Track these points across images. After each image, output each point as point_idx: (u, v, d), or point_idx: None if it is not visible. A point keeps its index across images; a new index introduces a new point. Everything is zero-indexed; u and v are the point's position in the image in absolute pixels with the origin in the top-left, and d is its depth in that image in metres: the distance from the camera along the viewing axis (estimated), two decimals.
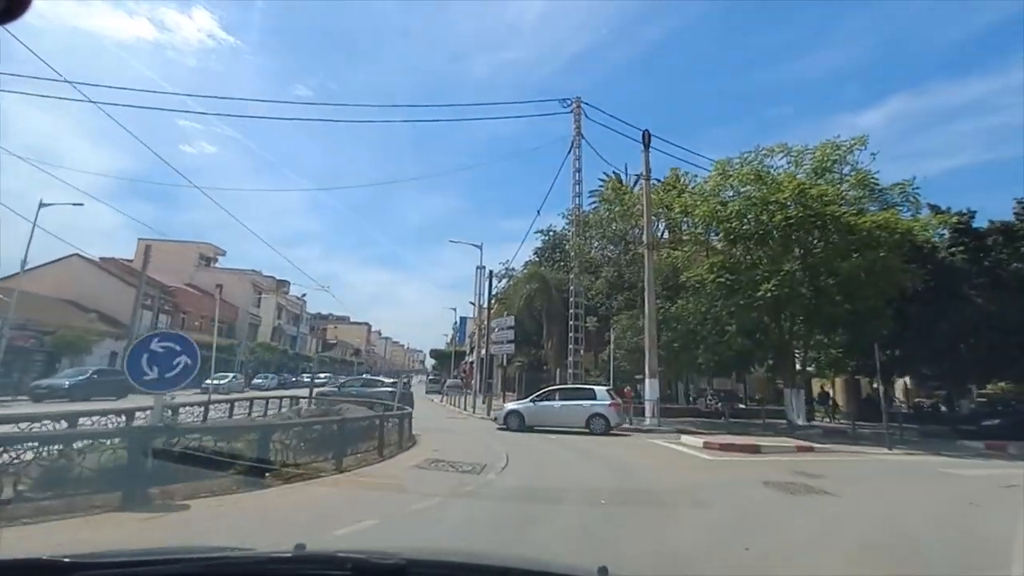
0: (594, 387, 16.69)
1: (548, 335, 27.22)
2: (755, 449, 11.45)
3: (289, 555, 1.44)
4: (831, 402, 26.33)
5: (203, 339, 45.44)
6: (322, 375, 53.43)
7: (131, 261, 48.85)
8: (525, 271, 27.09)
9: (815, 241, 16.85)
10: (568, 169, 23.39)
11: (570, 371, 22.09)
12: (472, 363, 62.89)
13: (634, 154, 22.55)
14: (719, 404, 23.09)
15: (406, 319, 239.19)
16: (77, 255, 37.40)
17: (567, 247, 30.40)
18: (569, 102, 23.08)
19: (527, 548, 4.50)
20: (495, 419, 17.91)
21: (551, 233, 30.77)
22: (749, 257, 17.90)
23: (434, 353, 55.60)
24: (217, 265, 55.94)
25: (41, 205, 27.57)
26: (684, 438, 13.39)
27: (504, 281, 31.92)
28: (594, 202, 28.54)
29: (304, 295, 74.15)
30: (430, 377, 55.71)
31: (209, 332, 49.26)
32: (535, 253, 31.02)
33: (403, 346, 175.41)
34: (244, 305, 53.64)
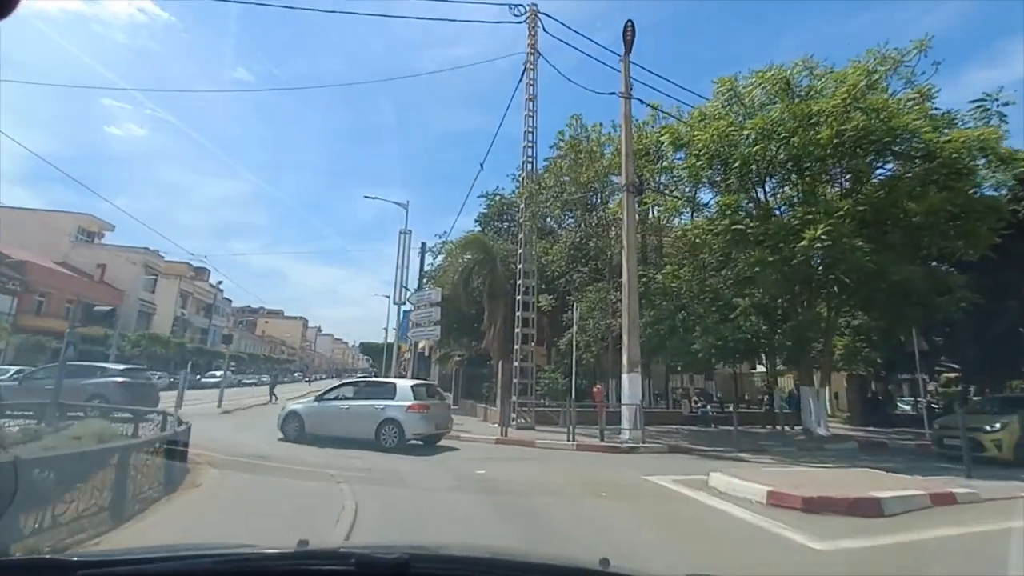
0: (396, 381, 12.31)
1: (491, 320, 20.98)
2: (875, 508, 5.67)
3: (293, 551, 1.41)
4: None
5: (64, 327, 36.23)
6: (218, 372, 44.89)
7: None
8: (463, 238, 20.71)
9: (874, 170, 11.53)
10: (518, 113, 17.25)
11: (516, 364, 15.94)
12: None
13: (602, 105, 16.73)
14: (706, 407, 17.64)
15: (352, 316, 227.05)
16: None
17: (518, 207, 24.39)
18: (523, 8, 16.99)
19: None
20: None
21: (497, 197, 24.60)
22: (775, 198, 12.42)
23: (365, 348, 47.83)
24: (103, 242, 46.07)
25: None
26: (717, 478, 7.25)
27: (440, 258, 25.41)
28: (549, 161, 22.67)
29: (220, 282, 64.40)
30: (362, 376, 47.99)
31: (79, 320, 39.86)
32: (477, 221, 24.73)
33: (347, 344, 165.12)
34: (133, 290, 44.21)
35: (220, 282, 65.62)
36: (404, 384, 11.72)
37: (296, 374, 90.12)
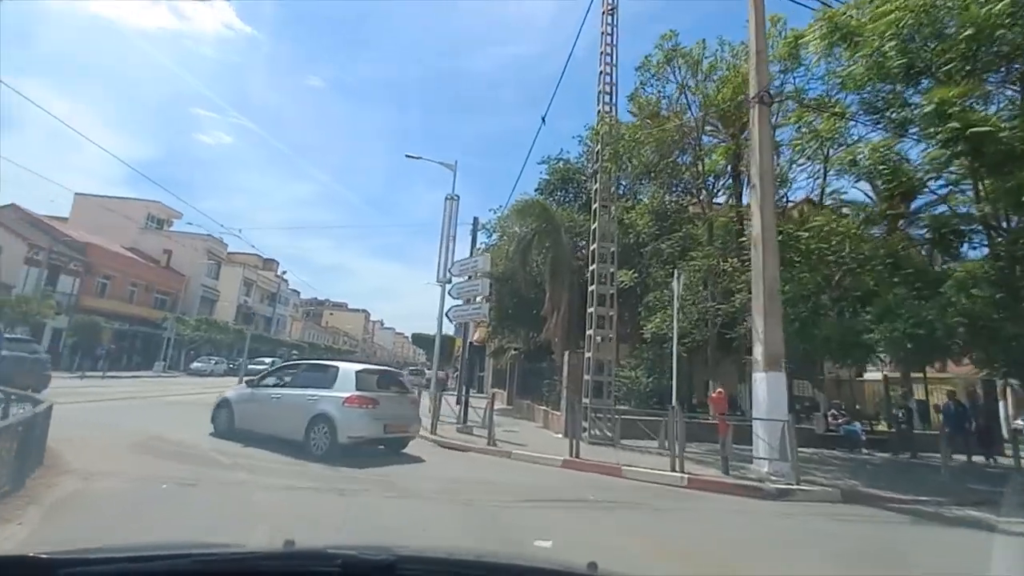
0: (340, 364, 8.86)
1: (553, 304, 16.92)
2: None
3: (278, 551, 1.39)
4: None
5: (127, 310, 35.96)
6: (267, 360, 43.72)
7: (66, 219, 39.62)
8: (519, 202, 16.74)
9: None
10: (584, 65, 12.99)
11: (589, 356, 11.79)
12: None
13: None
14: (852, 425, 12.54)
15: (413, 311, 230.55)
16: None
17: (585, 172, 20.10)
18: None
19: None
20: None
21: (560, 162, 20.42)
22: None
23: (417, 339, 45.23)
24: (172, 229, 46.40)
25: None
26: None
27: (495, 236, 21.61)
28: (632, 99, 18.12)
29: (284, 272, 64.71)
30: (412, 369, 45.28)
31: (143, 303, 39.86)
32: (538, 190, 20.64)
33: (407, 337, 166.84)
34: (196, 276, 44.07)
35: (284, 272, 66.18)
36: (348, 368, 8.45)
37: None
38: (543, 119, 17.95)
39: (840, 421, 12.47)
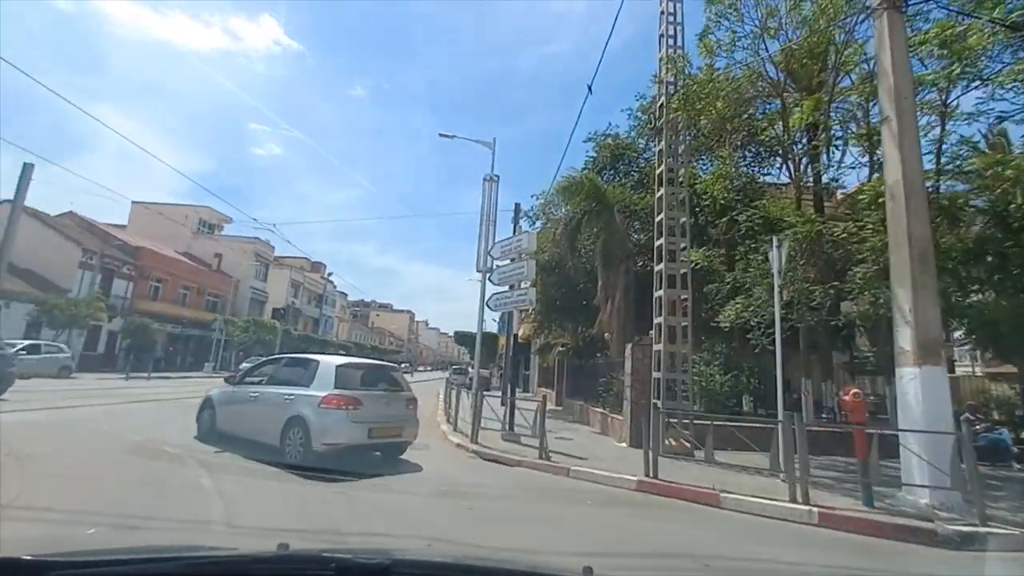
0: (320, 358, 7.67)
1: (607, 292, 14.90)
2: None
3: (273, 555, 1.36)
4: None
5: (179, 312, 36.47)
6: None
7: (124, 227, 40.97)
8: (565, 179, 14.75)
9: None
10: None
11: (659, 348, 9.73)
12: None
13: None
14: (999, 434, 9.84)
15: (457, 311, 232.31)
16: (8, 202, 28.95)
17: (637, 147, 17.90)
18: None
19: None
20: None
21: (608, 138, 18.31)
22: None
23: (460, 337, 43.88)
24: (223, 233, 47.30)
25: None
26: None
27: (538, 224, 19.76)
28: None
29: (331, 273, 65.27)
30: (456, 368, 44.02)
31: (195, 305, 40.53)
32: (585, 169, 18.59)
33: (451, 337, 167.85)
34: (245, 278, 44.62)
35: (331, 273, 66.90)
36: (328, 363, 7.32)
37: (403, 365, 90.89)
38: (589, 88, 15.82)
39: (980, 428, 9.81)
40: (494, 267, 11.34)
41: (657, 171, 10.32)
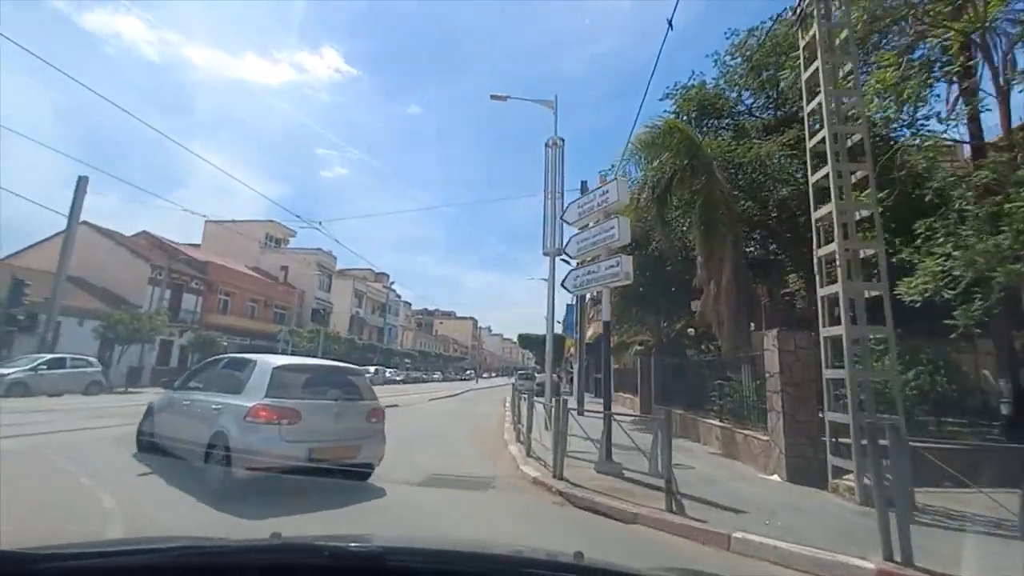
0: (258, 358, 5.95)
1: (710, 273, 11.51)
2: None
3: (265, 543, 1.36)
4: None
5: (247, 325, 36.41)
6: (371, 368, 42.21)
7: (198, 246, 42.16)
8: (649, 125, 11.51)
9: None
10: None
11: (827, 336, 6.33)
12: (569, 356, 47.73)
13: None
14: None
15: (521, 317, 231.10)
16: (86, 223, 29.74)
17: (729, 97, 14.36)
18: None
19: None
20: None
21: (693, 89, 14.82)
22: None
23: (524, 340, 41.08)
24: (288, 247, 47.77)
25: None
26: None
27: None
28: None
29: (393, 282, 64.99)
30: (522, 373, 41.27)
31: (263, 318, 40.68)
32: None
33: (515, 343, 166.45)
34: (310, 289, 44.56)
35: (393, 282, 66.72)
36: (265, 364, 5.69)
37: (468, 372, 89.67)
38: (670, 23, 12.64)
39: None
40: (570, 240, 8.42)
41: (804, 77, 6.95)
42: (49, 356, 15.21)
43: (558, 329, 44.86)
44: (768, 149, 11.87)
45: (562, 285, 8.38)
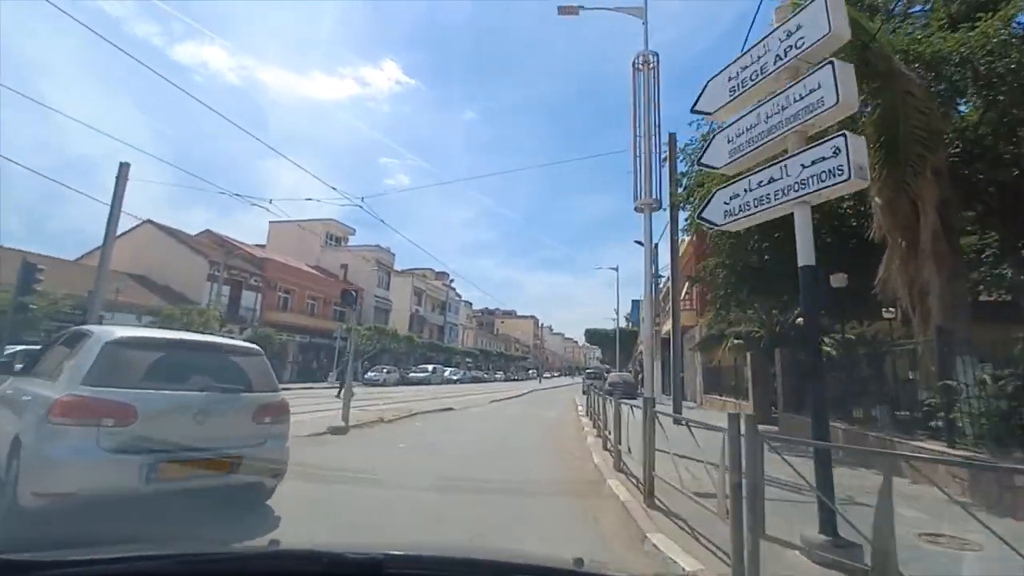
0: (96, 330, 4.04)
1: (891, 218, 7.60)
2: None
3: (264, 551, 1.33)
4: None
5: (307, 323, 35.40)
6: (429, 366, 39.92)
7: (263, 246, 42.27)
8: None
9: None
10: None
11: None
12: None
13: None
14: None
15: (582, 317, 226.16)
16: (150, 222, 29.71)
17: None
18: None
19: None
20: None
21: None
22: None
23: (592, 335, 37.21)
24: (348, 245, 47.08)
25: None
26: None
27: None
28: None
29: (452, 280, 63.26)
30: (589, 372, 37.45)
31: (323, 315, 39.79)
32: None
33: (576, 342, 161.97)
34: (369, 287, 43.38)
35: (452, 280, 65.09)
36: (99, 335, 3.79)
37: (530, 371, 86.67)
38: None
39: None
40: (711, 140, 5.00)
41: None
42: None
43: (623, 324, 40.50)
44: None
45: (699, 218, 4.98)
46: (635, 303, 60.10)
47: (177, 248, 28.71)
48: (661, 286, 28.15)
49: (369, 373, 34.62)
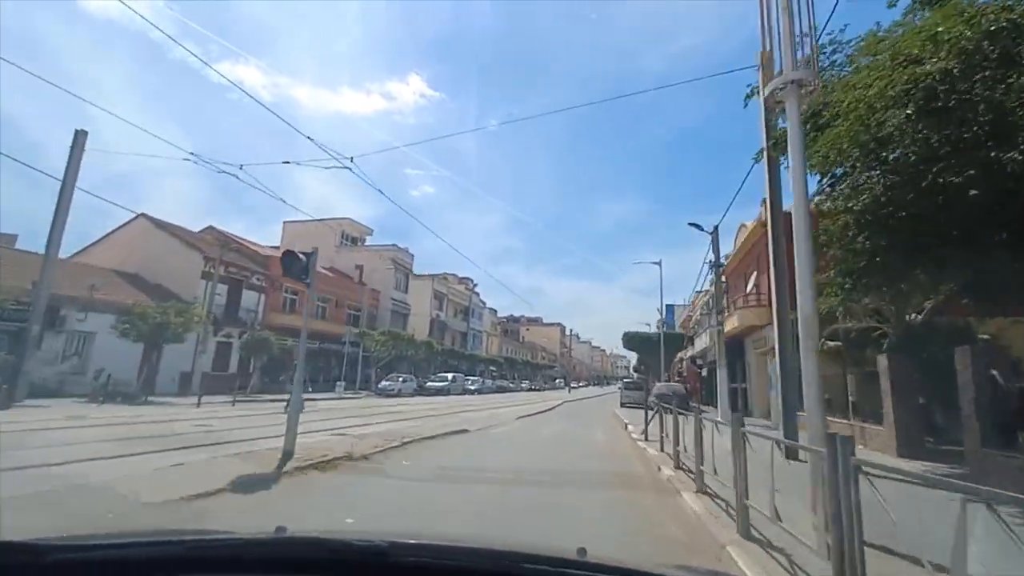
0: None
1: None
2: None
3: (270, 538, 1.31)
4: None
5: (316, 326, 32.18)
6: (449, 375, 36.05)
7: (277, 247, 39.58)
8: None
9: None
10: None
11: None
12: (692, 358, 38.08)
13: None
14: None
15: (605, 324, 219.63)
16: (143, 216, 27.05)
17: None
18: None
19: None
20: None
21: None
22: None
23: (630, 340, 32.83)
24: (365, 245, 44.02)
25: None
26: None
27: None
28: None
29: (475, 284, 59.65)
30: (628, 382, 32.88)
31: (335, 319, 36.56)
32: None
33: (603, 351, 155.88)
34: (386, 289, 40.08)
35: (475, 285, 61.49)
36: None
37: (557, 380, 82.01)
38: None
39: None
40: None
41: None
42: None
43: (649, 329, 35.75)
44: None
45: None
46: (670, 307, 55.21)
47: (171, 244, 25.85)
48: (703, 289, 23.17)
49: (383, 382, 31.06)
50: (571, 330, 72.24)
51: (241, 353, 24.14)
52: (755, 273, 19.28)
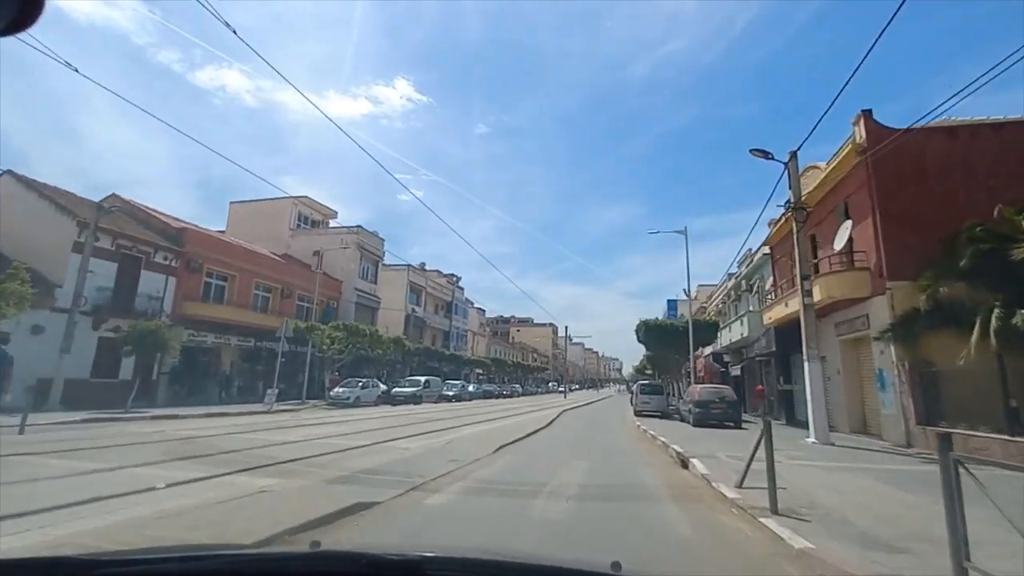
0: None
1: None
2: None
3: (306, 552, 1.33)
4: None
5: (253, 320, 24.55)
6: (421, 378, 29.43)
7: (223, 231, 32.72)
8: None
9: None
10: None
11: None
12: (714, 355, 31.42)
13: None
14: None
15: (597, 329, 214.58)
16: (10, 173, 20.15)
17: None
18: None
19: None
20: None
21: None
22: None
23: (648, 330, 26.34)
24: (329, 228, 37.21)
25: None
26: None
27: None
28: None
29: (459, 278, 53.05)
30: (643, 385, 26.29)
31: (281, 311, 29.43)
32: None
33: (597, 354, 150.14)
34: (349, 278, 33.32)
35: (459, 278, 54.84)
36: None
37: (551, 384, 75.51)
38: None
39: None
40: None
41: None
42: None
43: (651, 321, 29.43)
44: None
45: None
46: (671, 302, 49.07)
47: (39, 207, 18.97)
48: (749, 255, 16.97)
49: (337, 389, 24.33)
50: (565, 329, 65.73)
51: (124, 352, 17.29)
52: (849, 224, 13.06)
